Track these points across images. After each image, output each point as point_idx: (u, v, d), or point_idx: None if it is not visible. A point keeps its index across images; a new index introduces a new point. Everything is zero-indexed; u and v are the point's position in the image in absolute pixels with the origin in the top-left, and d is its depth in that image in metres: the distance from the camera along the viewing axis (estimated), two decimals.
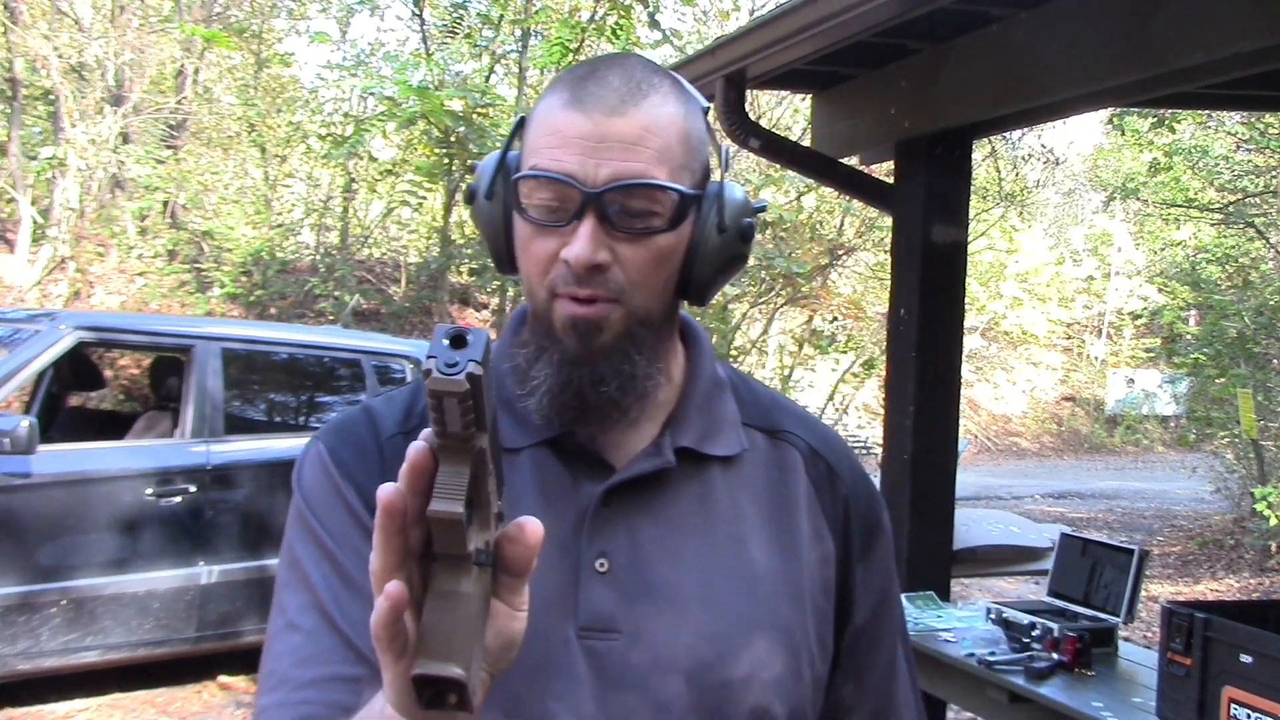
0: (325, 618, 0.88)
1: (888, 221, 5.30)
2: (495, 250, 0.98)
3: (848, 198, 9.28)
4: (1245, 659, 2.37)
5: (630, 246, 0.89)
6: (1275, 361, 11.38)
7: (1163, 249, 22.33)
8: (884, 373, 4.19)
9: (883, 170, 4.87)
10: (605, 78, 0.90)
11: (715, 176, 0.96)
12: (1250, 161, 13.17)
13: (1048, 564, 3.59)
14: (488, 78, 10.79)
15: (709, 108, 0.97)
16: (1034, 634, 3.03)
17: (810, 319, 13.48)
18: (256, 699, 0.90)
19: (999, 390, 24.70)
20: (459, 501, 0.63)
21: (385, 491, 0.65)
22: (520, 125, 0.96)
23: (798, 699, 0.94)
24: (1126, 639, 3.36)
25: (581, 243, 0.87)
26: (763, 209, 1.01)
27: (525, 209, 0.90)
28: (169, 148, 12.38)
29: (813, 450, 1.02)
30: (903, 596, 3.54)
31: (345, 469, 0.93)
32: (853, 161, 4.14)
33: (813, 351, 13.58)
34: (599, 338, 0.90)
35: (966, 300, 3.89)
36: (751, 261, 10.27)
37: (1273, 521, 9.03)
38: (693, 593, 0.91)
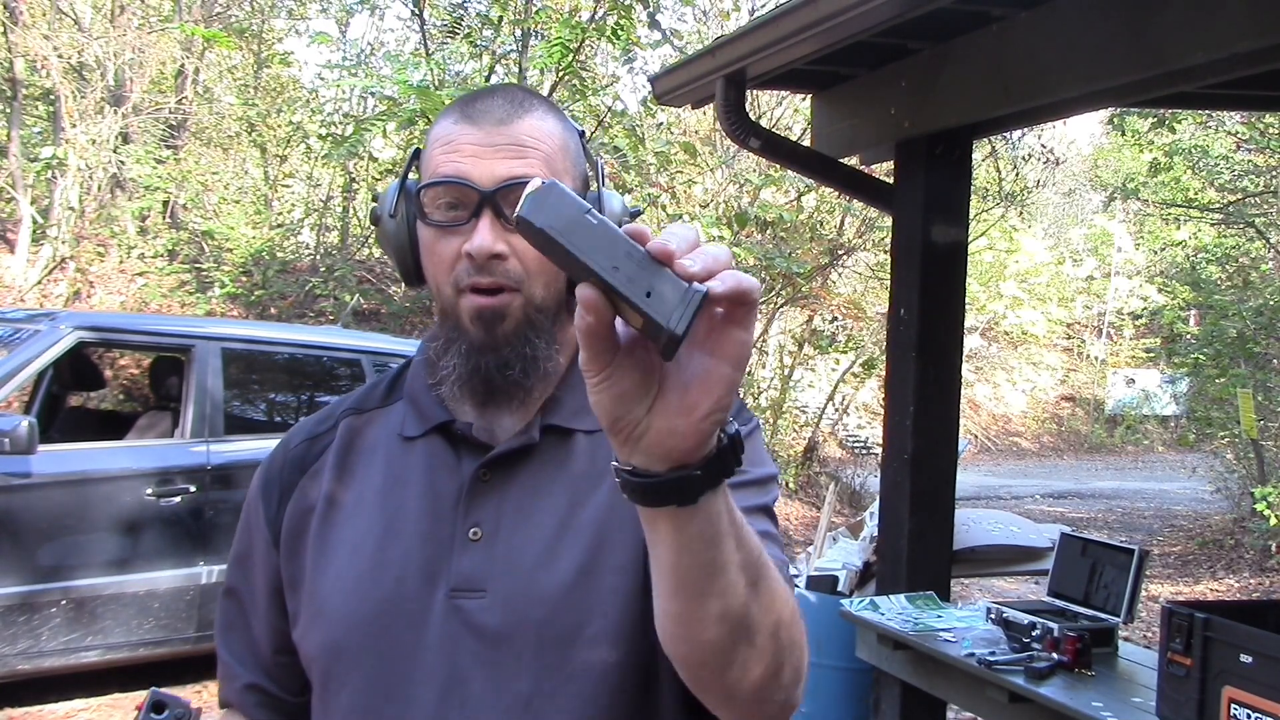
0: (239, 608, 1.14)
1: (888, 221, 5.29)
2: (403, 265, 1.09)
3: (848, 198, 9.27)
4: (1245, 659, 2.37)
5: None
6: (1275, 361, 11.38)
7: (1163, 249, 22.32)
8: (884, 373, 4.19)
9: (883, 170, 4.86)
10: (491, 97, 1.03)
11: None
12: (1250, 161, 13.17)
13: (1048, 564, 3.59)
14: (488, 78, 10.77)
15: (584, 132, 1.11)
16: (1034, 634, 3.03)
17: (810, 319, 13.47)
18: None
19: (999, 390, 24.70)
20: None
21: None
22: (416, 155, 1.07)
23: (637, 639, 1.01)
24: (1126, 639, 3.37)
25: (481, 235, 0.98)
26: (639, 213, 1.12)
27: (428, 216, 1.02)
28: (169, 148, 12.37)
29: None
30: (902, 596, 3.55)
31: (260, 488, 1.13)
32: (853, 161, 4.13)
33: (813, 351, 13.57)
34: (502, 325, 1.01)
35: (966, 300, 3.89)
36: (751, 261, 10.32)
37: (1273, 521, 9.03)
38: (541, 553, 1.02)
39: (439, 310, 1.05)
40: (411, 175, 1.09)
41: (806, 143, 4.19)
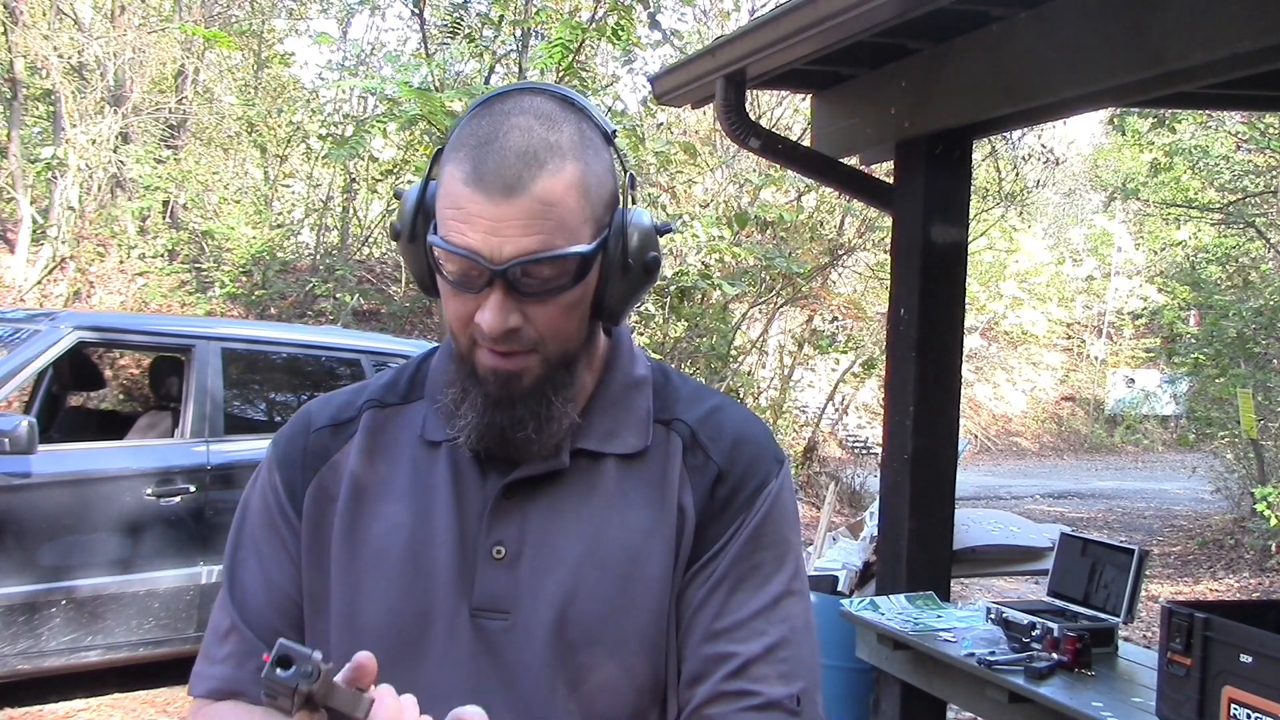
0: (237, 592, 1.08)
1: (888, 221, 5.30)
2: (423, 284, 1.06)
3: (848, 198, 9.27)
4: (1245, 659, 2.37)
5: (539, 306, 0.97)
6: (1275, 361, 11.38)
7: (1163, 249, 22.33)
8: (884, 373, 4.19)
9: (883, 170, 4.86)
10: (503, 148, 0.95)
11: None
12: (1250, 161, 13.17)
13: (1048, 564, 3.59)
14: (488, 78, 10.76)
15: (615, 131, 1.04)
16: (1034, 634, 3.03)
17: (810, 319, 13.48)
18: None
19: (999, 390, 24.72)
20: None
21: None
22: (438, 157, 1.01)
23: (657, 671, 1.01)
24: (1126, 639, 3.37)
25: (491, 312, 0.96)
26: (669, 230, 1.07)
27: (442, 271, 0.98)
28: (169, 148, 12.38)
29: (693, 435, 1.08)
30: (902, 596, 3.54)
31: (278, 462, 1.09)
32: (853, 161, 4.13)
33: (813, 351, 13.57)
34: (520, 384, 1.00)
35: (966, 300, 3.89)
36: (751, 261, 10.33)
37: (1273, 521, 9.03)
38: (567, 577, 1.01)
39: (455, 353, 1.03)
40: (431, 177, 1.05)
41: (806, 143, 4.19)
